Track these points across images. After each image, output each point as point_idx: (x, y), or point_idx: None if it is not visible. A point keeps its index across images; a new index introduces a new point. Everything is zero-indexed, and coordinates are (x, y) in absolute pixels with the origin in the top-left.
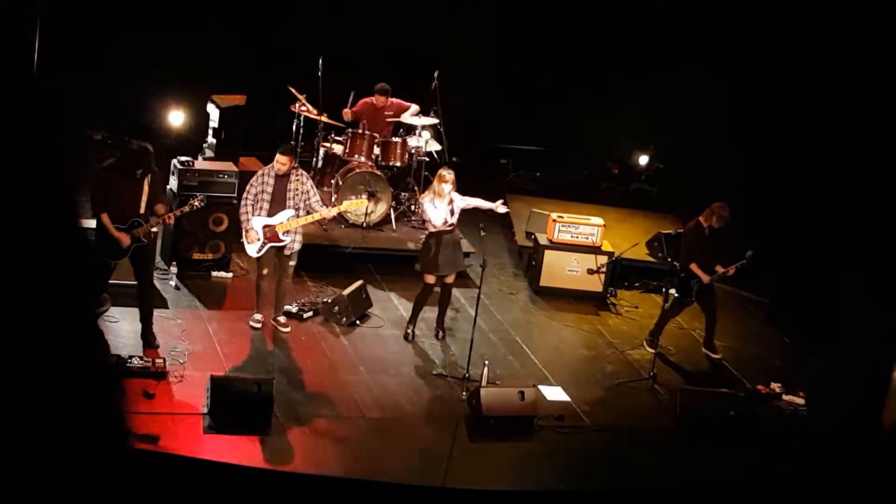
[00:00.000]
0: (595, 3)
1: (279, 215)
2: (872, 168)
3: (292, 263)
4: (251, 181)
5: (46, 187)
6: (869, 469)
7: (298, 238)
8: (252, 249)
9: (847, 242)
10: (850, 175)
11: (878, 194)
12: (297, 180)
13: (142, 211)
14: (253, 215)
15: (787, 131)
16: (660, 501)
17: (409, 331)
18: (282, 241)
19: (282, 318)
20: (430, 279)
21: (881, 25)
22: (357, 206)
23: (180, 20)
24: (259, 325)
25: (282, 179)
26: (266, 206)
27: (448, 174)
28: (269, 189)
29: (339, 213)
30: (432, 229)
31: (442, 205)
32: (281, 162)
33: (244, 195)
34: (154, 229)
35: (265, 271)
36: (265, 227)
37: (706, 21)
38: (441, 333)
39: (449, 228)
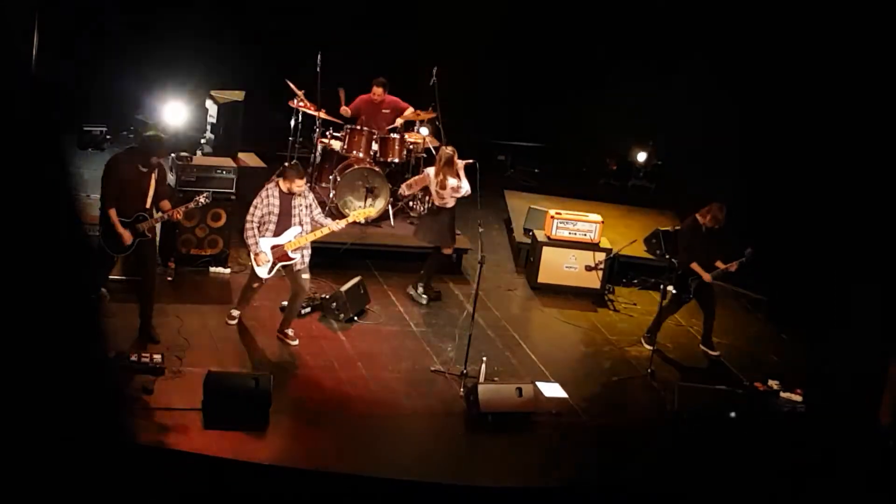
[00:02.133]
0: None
1: (286, 234)
2: (871, 166)
3: (306, 277)
4: (254, 202)
5: (45, 183)
6: (865, 464)
7: (307, 252)
8: (263, 272)
9: (846, 240)
10: (849, 172)
11: (877, 192)
12: (301, 195)
13: (148, 205)
14: (259, 237)
15: (787, 128)
16: (657, 498)
17: (434, 293)
18: (291, 259)
19: (290, 332)
20: (450, 250)
21: (883, 22)
22: (364, 215)
23: (179, 16)
24: (235, 322)
25: (286, 197)
26: (272, 226)
27: (451, 148)
28: (276, 209)
29: (335, 207)
30: (447, 203)
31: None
32: (299, 184)
33: (248, 217)
34: (157, 225)
35: (256, 285)
36: (274, 247)
37: (706, 18)
38: (437, 294)
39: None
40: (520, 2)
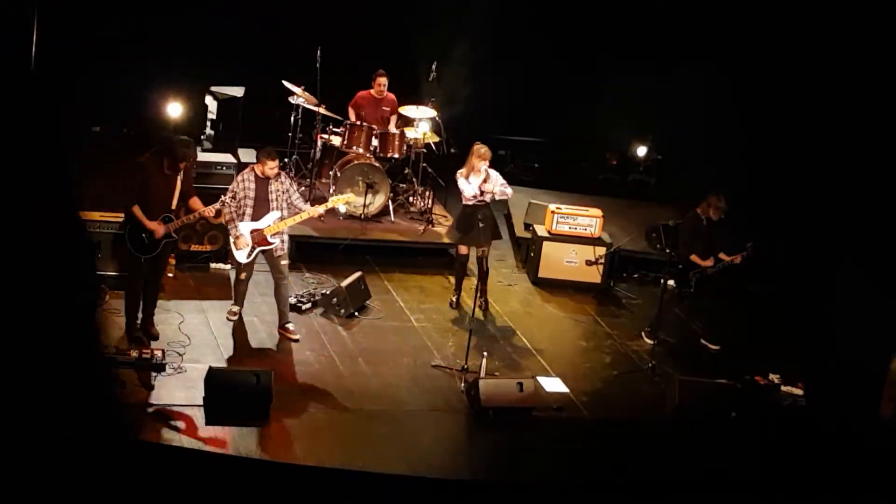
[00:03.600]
0: None
1: (265, 218)
2: (872, 159)
3: (285, 263)
4: (231, 187)
5: (46, 180)
6: (867, 459)
7: (286, 237)
8: (242, 255)
9: (847, 233)
10: (851, 166)
11: (879, 185)
12: (278, 181)
13: (173, 206)
14: (238, 221)
15: (787, 122)
16: (658, 492)
17: (454, 299)
18: (270, 243)
19: (290, 326)
20: (463, 250)
21: (883, 16)
22: (344, 201)
23: (179, 11)
24: (235, 317)
25: (262, 182)
26: (249, 210)
27: (485, 150)
28: (252, 193)
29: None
30: (464, 202)
31: (476, 180)
32: (271, 166)
33: (227, 202)
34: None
35: (243, 276)
36: (253, 231)
37: (706, 11)
38: (484, 305)
39: (482, 202)
40: None
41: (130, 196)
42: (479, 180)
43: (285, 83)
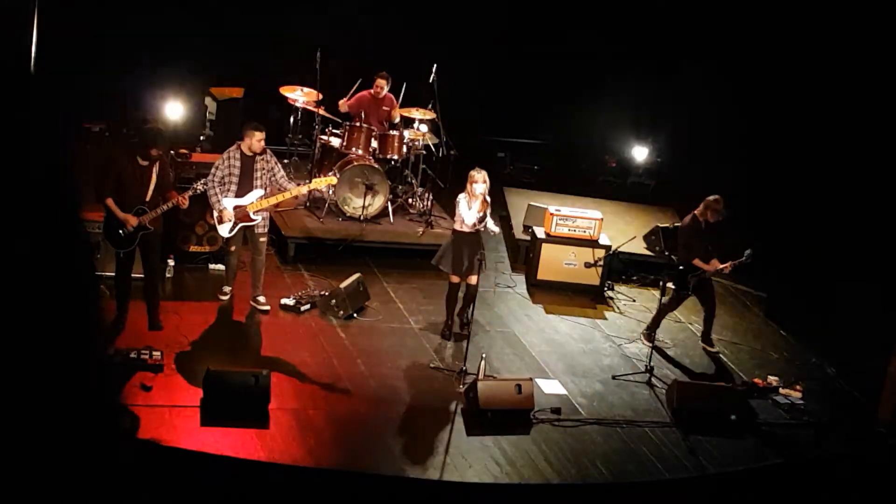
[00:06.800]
0: None
1: (249, 196)
2: (870, 161)
3: (263, 240)
4: (216, 164)
5: (46, 180)
6: (865, 461)
7: (267, 216)
8: (224, 230)
9: (846, 236)
10: (850, 168)
11: (876, 188)
12: (263, 159)
13: (148, 198)
14: (222, 197)
15: (786, 125)
16: (656, 495)
17: (446, 330)
18: (252, 220)
19: (261, 298)
20: (455, 279)
21: (883, 20)
22: (327, 183)
23: (178, 12)
24: (227, 297)
25: (248, 160)
26: (234, 187)
27: (478, 174)
28: (237, 171)
29: (334, 204)
30: (459, 228)
31: (476, 205)
32: (258, 138)
33: (210, 178)
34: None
35: (233, 248)
36: (236, 207)
37: (706, 15)
38: (465, 328)
39: (474, 231)
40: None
41: (103, 189)
42: (478, 205)
43: (282, 92)
